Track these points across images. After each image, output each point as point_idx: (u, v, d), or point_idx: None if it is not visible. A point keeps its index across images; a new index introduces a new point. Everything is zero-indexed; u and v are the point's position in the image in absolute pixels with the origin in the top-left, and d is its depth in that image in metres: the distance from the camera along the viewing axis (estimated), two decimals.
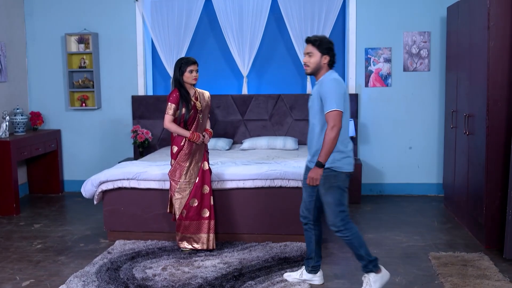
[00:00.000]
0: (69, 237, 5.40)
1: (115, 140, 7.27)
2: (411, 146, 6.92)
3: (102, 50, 7.14)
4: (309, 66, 3.84)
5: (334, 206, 3.81)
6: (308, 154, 3.99)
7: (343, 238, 3.88)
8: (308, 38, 3.88)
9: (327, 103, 3.70)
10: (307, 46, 3.86)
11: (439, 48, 6.71)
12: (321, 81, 3.83)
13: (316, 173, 3.74)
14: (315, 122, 3.85)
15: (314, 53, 3.81)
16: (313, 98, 3.87)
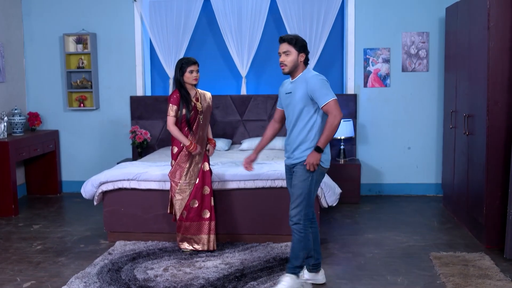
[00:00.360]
0: (69, 238, 5.38)
1: (114, 141, 7.25)
2: (410, 146, 6.93)
3: (100, 50, 7.12)
4: (287, 65, 3.85)
5: (306, 198, 3.87)
6: (285, 152, 4.04)
7: (297, 234, 3.89)
8: (283, 37, 3.88)
9: (322, 97, 3.78)
10: (283, 45, 3.86)
11: (437, 48, 6.72)
12: (303, 79, 3.84)
13: (315, 158, 3.80)
14: (298, 119, 3.86)
15: (291, 51, 3.83)
16: (295, 97, 3.85)
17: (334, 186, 5.03)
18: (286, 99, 3.95)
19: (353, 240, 5.21)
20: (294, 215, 3.89)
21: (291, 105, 3.90)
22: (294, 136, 3.92)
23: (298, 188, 3.88)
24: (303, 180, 3.87)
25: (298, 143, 3.89)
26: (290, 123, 3.95)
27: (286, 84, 4.04)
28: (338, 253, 4.87)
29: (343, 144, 6.74)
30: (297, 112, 3.87)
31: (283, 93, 4.01)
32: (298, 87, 3.86)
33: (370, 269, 4.45)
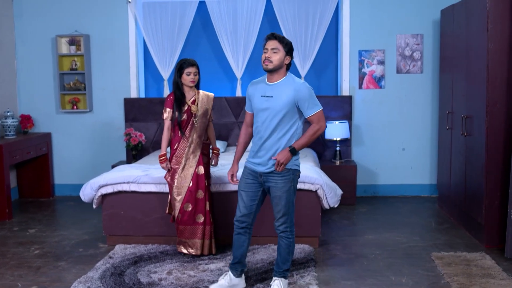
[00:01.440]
0: (67, 242, 5.31)
1: (107, 143, 7.18)
2: (404, 148, 6.98)
3: (93, 52, 7.05)
4: (272, 62, 3.71)
5: (291, 206, 3.88)
6: (253, 156, 3.89)
7: (286, 240, 3.92)
8: (274, 34, 3.77)
9: (312, 107, 3.78)
10: (272, 41, 3.74)
11: (431, 50, 6.79)
12: (290, 85, 3.75)
13: (287, 158, 3.76)
14: (278, 125, 3.77)
15: (279, 50, 3.72)
16: (278, 102, 3.73)
17: (335, 187, 5.04)
18: (263, 102, 3.79)
19: (354, 241, 5.22)
20: (282, 224, 3.89)
21: (270, 109, 3.76)
22: (271, 143, 3.81)
23: (283, 198, 3.85)
24: (286, 190, 3.85)
25: (276, 150, 3.82)
26: (267, 128, 3.80)
27: (261, 85, 3.87)
28: (340, 254, 4.88)
29: (339, 145, 6.76)
30: (278, 118, 3.76)
31: (257, 95, 3.85)
32: (283, 92, 3.75)
33: (374, 270, 4.47)
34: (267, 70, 3.77)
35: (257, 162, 3.88)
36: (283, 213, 3.88)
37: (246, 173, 3.97)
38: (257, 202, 3.99)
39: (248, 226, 4.03)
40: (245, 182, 3.95)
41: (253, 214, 4.00)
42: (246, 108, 4.05)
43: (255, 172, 3.90)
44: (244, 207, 3.96)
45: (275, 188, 3.85)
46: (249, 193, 3.94)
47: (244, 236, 4.04)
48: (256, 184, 3.93)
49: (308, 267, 4.50)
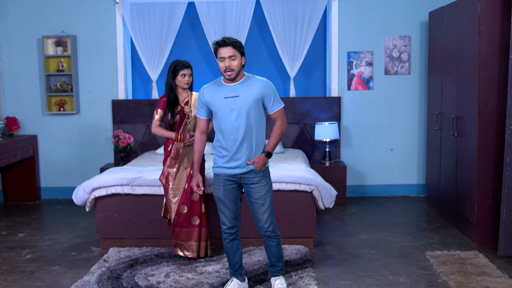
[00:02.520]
0: (58, 246, 5.22)
1: (95, 146, 7.09)
2: (393, 148, 7.05)
3: (80, 53, 6.96)
4: (234, 70, 3.69)
5: (271, 206, 3.90)
6: (227, 160, 3.83)
7: (276, 238, 3.95)
8: (226, 41, 3.69)
9: (276, 103, 3.84)
10: (228, 48, 3.67)
11: (419, 52, 6.87)
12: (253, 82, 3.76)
13: (264, 163, 3.81)
14: (250, 124, 3.77)
15: (236, 55, 3.69)
16: (246, 100, 3.72)
17: (330, 188, 5.07)
18: (230, 103, 3.74)
19: (348, 242, 5.25)
20: (270, 223, 3.91)
21: (238, 109, 3.73)
22: (247, 144, 3.78)
23: (267, 197, 3.87)
24: (268, 189, 3.89)
25: (255, 149, 3.81)
26: (238, 129, 3.76)
27: (219, 88, 3.80)
28: (336, 254, 4.90)
29: (328, 146, 6.80)
30: (248, 116, 3.75)
31: (218, 98, 3.78)
32: (249, 89, 3.75)
33: (371, 270, 4.50)
34: (230, 79, 3.74)
35: (233, 165, 3.84)
36: (269, 212, 3.89)
37: (221, 180, 3.89)
38: (239, 205, 4.00)
39: (238, 230, 4.03)
40: (224, 189, 3.89)
41: (239, 216, 4.00)
42: (198, 114, 3.95)
43: (232, 175, 3.87)
44: (230, 213, 3.93)
45: (259, 188, 3.85)
46: (231, 198, 3.92)
47: (237, 240, 4.03)
48: (236, 187, 3.92)
49: (305, 267, 4.51)
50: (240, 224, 4.04)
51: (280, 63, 7.07)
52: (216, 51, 3.74)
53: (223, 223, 3.95)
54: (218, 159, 3.90)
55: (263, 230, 3.91)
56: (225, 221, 3.94)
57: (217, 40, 3.78)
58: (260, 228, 3.92)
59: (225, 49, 3.69)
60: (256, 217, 3.90)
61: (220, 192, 3.89)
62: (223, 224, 3.95)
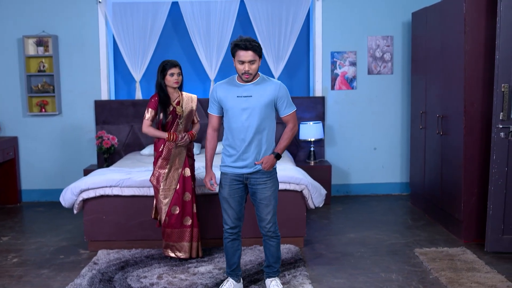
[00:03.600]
0: (45, 249, 5.14)
1: (77, 147, 6.99)
2: (376, 147, 7.12)
3: (62, 53, 6.85)
4: (252, 74, 3.70)
5: (276, 207, 3.92)
6: (235, 159, 3.82)
7: (276, 239, 3.97)
8: (249, 44, 3.63)
9: (289, 106, 3.85)
10: (248, 53, 3.63)
11: (401, 52, 6.96)
12: (268, 84, 3.77)
13: (272, 164, 3.82)
14: (261, 125, 3.77)
15: (256, 60, 3.69)
16: (259, 101, 3.72)
17: (319, 187, 5.10)
18: (242, 102, 3.74)
19: (337, 240, 5.29)
20: (272, 224, 3.92)
21: (251, 109, 3.73)
22: (255, 145, 3.79)
23: (273, 198, 3.89)
24: (274, 190, 3.91)
25: (264, 150, 3.83)
26: (248, 129, 3.76)
27: (233, 87, 3.80)
28: (326, 253, 4.93)
29: (313, 146, 6.83)
30: (260, 117, 3.75)
31: (231, 96, 3.77)
32: (263, 90, 3.75)
33: (363, 268, 4.54)
34: (246, 82, 3.75)
35: (241, 165, 3.84)
36: (273, 212, 3.90)
37: (227, 180, 3.89)
38: (244, 205, 3.99)
39: (240, 230, 4.02)
40: (229, 189, 3.88)
41: (242, 217, 4.00)
42: (210, 110, 3.93)
43: (239, 175, 3.86)
44: (234, 214, 3.93)
45: (265, 189, 3.85)
46: (236, 198, 3.91)
47: (238, 240, 4.03)
48: (242, 187, 3.91)
49: (298, 267, 4.53)
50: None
51: (264, 63, 7.07)
52: (234, 53, 3.71)
53: (226, 223, 3.94)
54: (226, 158, 3.89)
55: (265, 230, 3.91)
56: (227, 221, 3.93)
57: (238, 41, 3.67)
58: (262, 228, 3.92)
59: (246, 53, 3.65)
60: (260, 217, 3.90)
61: (226, 191, 3.88)
62: (226, 223, 3.94)
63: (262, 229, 3.93)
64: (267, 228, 3.91)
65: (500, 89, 4.58)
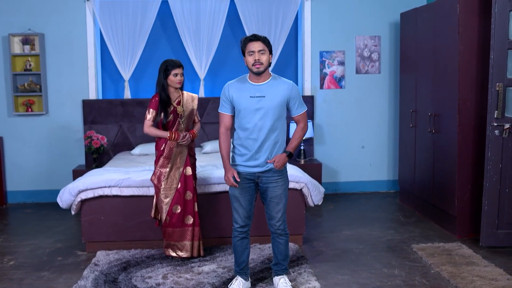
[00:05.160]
0: (41, 251, 5.04)
1: (64, 147, 6.88)
2: (364, 145, 7.22)
3: (49, 51, 6.73)
4: (263, 64, 3.71)
5: (286, 205, 3.96)
6: (247, 158, 3.83)
7: (285, 237, 4.00)
8: (256, 36, 3.74)
9: (300, 106, 3.88)
10: (257, 43, 3.71)
11: (388, 51, 7.08)
12: (280, 84, 3.79)
13: (283, 163, 3.84)
14: (274, 125, 3.79)
15: (266, 51, 3.73)
16: (272, 101, 3.74)
17: (318, 185, 5.15)
18: (255, 103, 3.75)
19: (335, 238, 5.35)
20: (282, 222, 3.95)
21: (264, 109, 3.75)
22: (268, 145, 3.80)
23: (284, 197, 3.92)
24: (285, 188, 3.94)
25: (276, 149, 3.85)
26: (261, 129, 3.77)
27: (245, 86, 3.80)
28: (326, 250, 4.99)
29: (303, 144, 6.89)
30: (273, 117, 3.77)
31: (244, 96, 3.78)
32: (276, 91, 3.77)
33: (365, 264, 4.61)
34: (259, 73, 3.74)
35: (253, 164, 3.85)
36: (283, 210, 3.93)
37: (242, 180, 3.88)
38: (253, 204, 4.01)
39: (249, 229, 4.04)
40: (241, 187, 3.88)
41: (252, 216, 4.02)
42: (223, 110, 3.91)
43: (251, 174, 3.88)
44: (244, 212, 3.94)
45: (276, 188, 3.88)
46: (246, 197, 3.92)
47: (247, 239, 4.04)
48: (253, 186, 3.93)
49: (301, 264, 4.57)
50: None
51: None
52: (244, 47, 3.74)
53: (236, 222, 3.94)
54: (237, 158, 3.88)
55: (274, 227, 3.93)
56: (238, 220, 3.94)
57: (246, 36, 3.78)
58: (271, 226, 3.94)
59: (255, 43, 3.70)
60: (270, 215, 3.92)
61: (237, 190, 3.88)
62: (236, 222, 3.95)
63: (272, 227, 3.96)
64: (277, 226, 3.93)
65: (494, 88, 4.71)
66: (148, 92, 7.03)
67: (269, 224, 3.96)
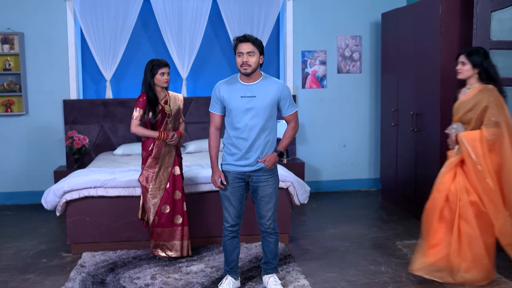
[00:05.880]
0: (25, 254, 4.97)
1: (44, 148, 6.78)
2: (345, 144, 7.29)
3: (29, 51, 6.63)
4: (251, 66, 3.70)
5: (276, 204, 3.97)
6: (238, 158, 3.83)
7: (273, 236, 4.01)
8: (247, 36, 3.73)
9: (291, 105, 3.91)
10: (247, 44, 3.70)
11: (369, 51, 7.15)
12: (271, 84, 3.79)
13: (274, 162, 3.86)
14: (265, 124, 3.81)
15: (255, 52, 3.71)
16: (263, 101, 3.75)
17: (304, 184, 5.18)
18: (246, 103, 3.76)
19: (320, 236, 5.39)
20: (272, 221, 3.97)
21: (255, 109, 3.75)
22: (259, 144, 3.81)
23: (274, 196, 3.94)
24: (275, 187, 3.96)
25: (267, 149, 3.86)
26: (252, 129, 3.78)
27: (236, 86, 3.81)
28: (312, 248, 5.02)
29: None
30: (264, 117, 3.78)
31: (234, 96, 3.79)
32: (266, 91, 3.78)
33: (351, 261, 4.66)
34: (246, 74, 3.75)
35: (244, 164, 3.86)
36: (273, 209, 3.95)
37: (230, 178, 3.90)
38: (244, 203, 4.01)
39: (239, 228, 4.05)
40: (231, 187, 3.89)
41: (242, 215, 4.03)
42: (213, 109, 3.93)
43: (241, 173, 3.88)
44: (235, 212, 3.95)
45: (266, 187, 3.89)
46: (237, 196, 3.93)
47: (237, 238, 4.05)
48: (243, 185, 3.94)
49: (289, 262, 4.60)
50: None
51: (234, 62, 7.08)
52: (235, 47, 3.74)
53: (226, 221, 3.95)
54: (228, 157, 3.88)
55: (264, 226, 3.94)
56: (228, 219, 3.94)
57: (237, 36, 3.78)
58: (261, 224, 3.95)
59: (244, 44, 3.70)
60: (260, 214, 3.93)
61: (228, 189, 3.89)
62: (226, 221, 3.95)
63: (262, 226, 3.97)
64: (267, 225, 3.95)
65: None
66: (130, 92, 6.98)
67: (259, 223, 3.98)
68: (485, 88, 3.98)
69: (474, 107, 4.00)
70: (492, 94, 3.94)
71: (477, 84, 4.05)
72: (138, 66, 6.97)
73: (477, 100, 3.98)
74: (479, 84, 4.04)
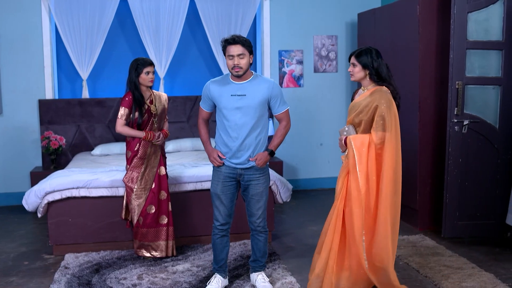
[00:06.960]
0: (5, 256, 4.88)
1: (19, 149, 6.65)
2: (322, 143, 7.38)
3: (3, 50, 6.49)
4: (242, 68, 3.72)
5: (266, 202, 4.02)
6: (229, 156, 3.87)
7: (263, 235, 4.05)
8: (235, 39, 3.73)
9: (282, 104, 3.94)
10: (237, 46, 3.71)
11: (345, 50, 7.25)
12: (262, 83, 3.82)
13: (265, 161, 3.89)
14: (256, 123, 3.84)
15: (245, 54, 3.72)
16: (253, 100, 3.78)
17: (286, 182, 5.24)
18: (236, 101, 3.79)
19: (301, 233, 5.45)
20: (262, 219, 4.00)
21: (245, 108, 3.78)
22: (249, 142, 3.84)
23: (265, 194, 3.98)
24: (266, 186, 4.00)
25: (258, 148, 3.89)
26: (242, 127, 3.81)
27: (227, 85, 3.84)
28: (296, 246, 5.08)
29: None
30: (255, 115, 3.81)
31: (225, 94, 3.82)
32: (257, 90, 3.80)
33: None
34: (238, 76, 3.77)
35: (235, 162, 3.89)
36: (264, 208, 3.98)
37: (221, 176, 3.93)
38: (235, 202, 4.05)
39: (229, 227, 4.07)
40: (222, 185, 3.92)
41: (233, 214, 4.06)
42: (203, 106, 3.99)
43: (233, 171, 3.91)
44: (225, 210, 3.97)
45: (257, 185, 3.92)
46: (228, 195, 3.96)
47: (227, 236, 4.07)
48: (235, 184, 3.97)
49: (274, 260, 4.64)
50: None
51: (211, 61, 7.13)
52: (224, 49, 3.75)
53: (216, 219, 3.96)
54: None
55: (254, 224, 3.97)
56: (218, 218, 3.95)
57: (226, 38, 3.77)
58: (251, 223, 3.98)
59: (234, 47, 3.70)
60: (251, 212, 3.96)
61: (218, 188, 3.90)
62: (216, 220, 3.96)
63: (252, 224, 4.00)
64: (257, 223, 3.98)
65: (454, 86, 4.93)
66: (106, 92, 6.91)
67: (250, 221, 4.01)
68: (378, 90, 3.77)
69: (365, 109, 3.76)
70: (383, 95, 3.72)
71: (371, 86, 3.82)
72: (115, 66, 6.93)
73: (368, 101, 3.75)
74: (372, 86, 3.82)
